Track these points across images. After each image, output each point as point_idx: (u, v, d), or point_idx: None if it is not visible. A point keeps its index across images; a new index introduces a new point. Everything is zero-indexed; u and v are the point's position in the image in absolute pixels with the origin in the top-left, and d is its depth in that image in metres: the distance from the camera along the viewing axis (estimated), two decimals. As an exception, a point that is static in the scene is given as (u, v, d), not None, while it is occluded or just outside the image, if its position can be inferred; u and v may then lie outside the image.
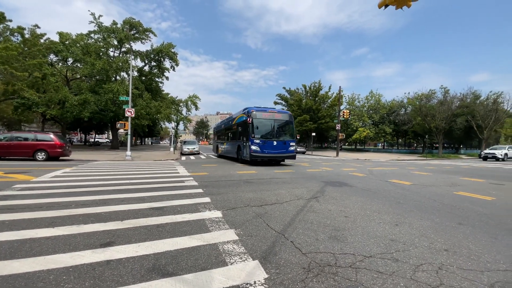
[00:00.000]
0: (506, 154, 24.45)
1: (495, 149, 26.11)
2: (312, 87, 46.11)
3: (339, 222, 4.05)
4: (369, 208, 4.98)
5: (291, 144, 13.63)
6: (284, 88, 47.95)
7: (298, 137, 15.73)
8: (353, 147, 57.08)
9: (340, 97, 31.15)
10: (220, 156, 21.49)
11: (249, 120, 12.60)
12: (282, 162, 15.73)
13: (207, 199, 5.38)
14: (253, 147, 12.57)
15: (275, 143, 13.04)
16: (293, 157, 13.98)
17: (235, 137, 15.99)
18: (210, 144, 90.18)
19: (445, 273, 2.48)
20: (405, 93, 52.83)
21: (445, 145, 46.11)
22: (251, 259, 2.69)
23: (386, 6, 4.69)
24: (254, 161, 13.67)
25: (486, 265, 2.67)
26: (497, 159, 24.31)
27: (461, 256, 2.88)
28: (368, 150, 52.26)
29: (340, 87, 29.57)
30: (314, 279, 2.33)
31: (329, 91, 45.32)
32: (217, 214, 4.31)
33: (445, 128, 32.35)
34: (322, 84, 45.28)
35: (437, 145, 35.99)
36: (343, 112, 28.51)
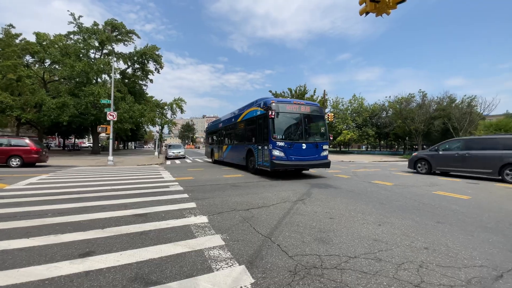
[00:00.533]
0: (479, 154, 25.75)
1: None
2: (297, 91, 46.77)
3: (324, 223, 4.10)
4: (353, 209, 5.09)
5: (324, 147, 10.09)
6: (270, 91, 48.04)
7: (331, 138, 12.17)
8: (338, 149, 58.30)
9: (325, 100, 31.84)
10: (217, 162, 17.70)
11: (271, 114, 8.97)
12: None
13: (192, 204, 5.28)
14: (276, 152, 9.06)
15: (304, 146, 9.56)
16: (327, 165, 10.12)
17: (243, 139, 12.51)
18: (196, 148, 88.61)
19: (425, 270, 2.57)
20: (386, 97, 54.85)
21: (424, 146, 48.11)
22: (237, 264, 2.66)
23: (367, 13, 4.86)
24: (276, 172, 10.53)
25: (463, 261, 2.80)
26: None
27: (440, 253, 3.00)
28: (352, 152, 53.52)
29: (324, 90, 30.29)
30: (300, 281, 2.34)
31: (314, 94, 46.17)
32: (202, 219, 4.24)
33: (424, 131, 33.86)
34: (307, 88, 46.10)
35: (417, 146, 37.51)
36: (328, 115, 29.05)
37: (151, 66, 31.96)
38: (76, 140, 56.69)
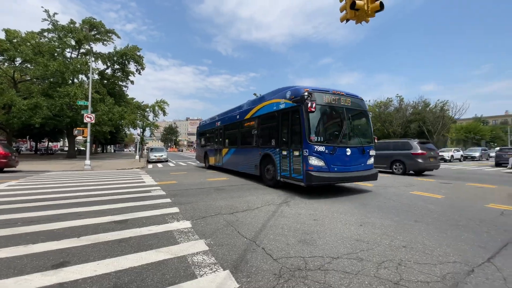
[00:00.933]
0: (452, 156, 27.40)
1: (443, 151, 29.09)
2: (281, 94, 47.29)
3: (308, 225, 4.15)
4: (336, 210, 5.20)
5: (371, 153, 7.64)
6: (254, 94, 48.29)
7: (376, 140, 8.60)
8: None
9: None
10: (212, 168, 15.32)
11: (311, 107, 6.40)
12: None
13: (175, 209, 5.16)
14: (313, 161, 6.50)
15: (348, 151, 7.01)
16: (375, 177, 7.58)
17: (254, 140, 9.67)
18: (179, 151, 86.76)
19: (404, 268, 2.67)
20: (366, 101, 57.07)
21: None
22: (221, 269, 2.62)
23: (348, 20, 5.03)
24: (312, 187, 7.72)
25: (438, 258, 2.93)
26: (445, 160, 27.11)
27: (417, 251, 3.13)
28: (335, 154, 54.81)
29: (307, 94, 30.75)
30: (285, 284, 2.34)
31: (298, 98, 46.89)
32: (186, 224, 4.15)
33: (401, 133, 35.49)
34: (290, 91, 46.73)
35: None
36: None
37: (132, 67, 30.98)
38: (50, 143, 53.67)
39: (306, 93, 6.70)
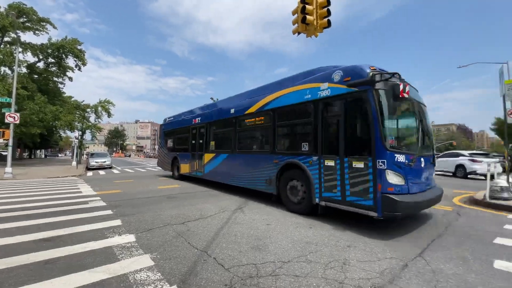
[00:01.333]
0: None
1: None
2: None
3: (261, 231, 4.17)
4: (288, 213, 5.35)
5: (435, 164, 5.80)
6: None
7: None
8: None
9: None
10: (186, 178, 11.90)
11: (403, 91, 4.25)
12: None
13: (117, 222, 4.65)
14: (393, 178, 4.13)
15: (422, 162, 4.89)
16: (440, 198, 5.28)
17: (269, 143, 6.78)
18: (126, 156, 79.43)
19: (348, 267, 2.85)
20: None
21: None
22: (168, 285, 2.43)
23: (299, 33, 5.32)
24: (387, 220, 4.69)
25: (377, 255, 3.22)
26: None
27: (360, 250, 3.39)
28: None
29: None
30: (236, 295, 2.27)
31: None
32: (129, 238, 3.76)
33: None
34: (247, 97, 47.26)
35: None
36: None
37: (70, 62, 27.56)
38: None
39: (373, 73, 4.42)
